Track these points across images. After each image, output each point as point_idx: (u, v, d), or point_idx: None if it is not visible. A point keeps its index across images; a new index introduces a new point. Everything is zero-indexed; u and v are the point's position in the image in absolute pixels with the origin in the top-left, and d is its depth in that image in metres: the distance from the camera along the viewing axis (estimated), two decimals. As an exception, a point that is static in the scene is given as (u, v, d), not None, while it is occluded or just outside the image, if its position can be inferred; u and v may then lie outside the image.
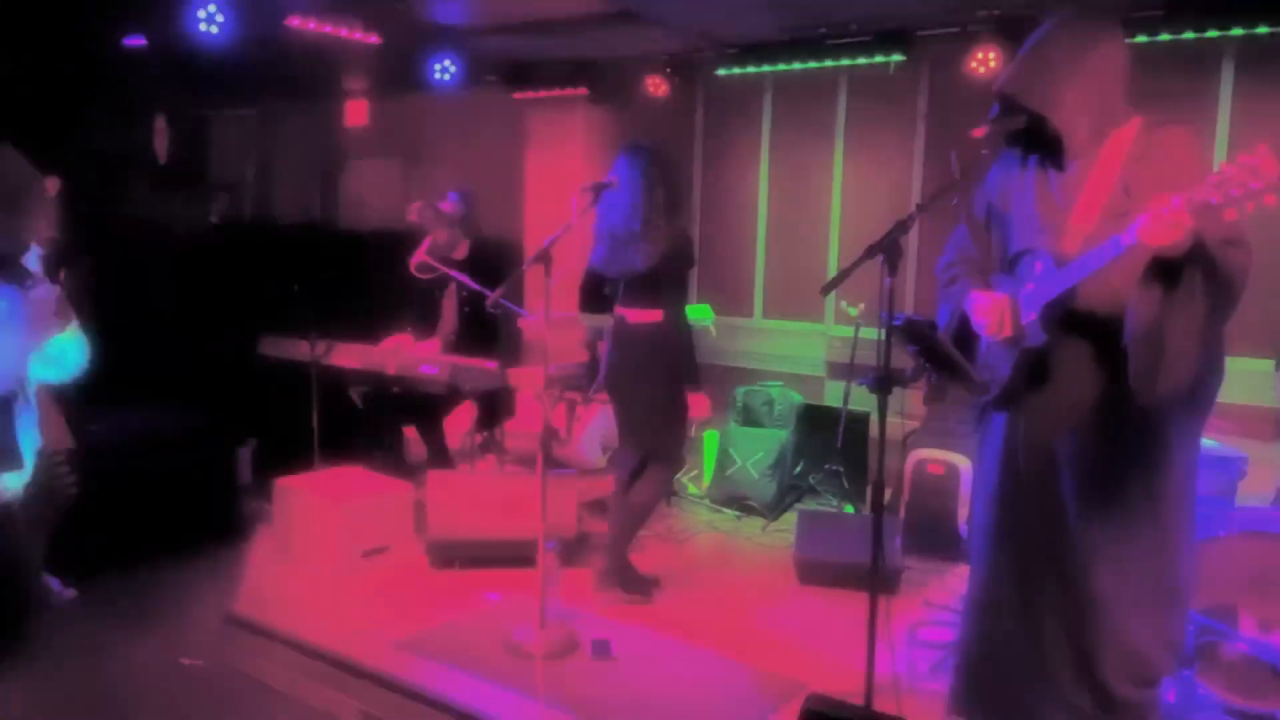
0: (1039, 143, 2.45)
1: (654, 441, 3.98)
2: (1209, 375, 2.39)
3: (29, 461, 2.63)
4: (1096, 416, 2.37)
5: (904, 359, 2.75)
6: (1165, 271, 2.09)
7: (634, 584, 4.03)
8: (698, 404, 3.97)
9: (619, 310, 3.95)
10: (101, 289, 3.26)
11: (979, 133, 2.35)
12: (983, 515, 2.61)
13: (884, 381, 2.36)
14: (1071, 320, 2.35)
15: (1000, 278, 2.56)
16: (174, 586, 3.99)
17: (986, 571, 2.58)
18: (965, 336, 2.59)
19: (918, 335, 2.37)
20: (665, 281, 3.87)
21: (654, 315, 3.86)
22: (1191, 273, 2.07)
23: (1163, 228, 1.96)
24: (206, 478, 4.76)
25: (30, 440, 2.65)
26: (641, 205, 3.81)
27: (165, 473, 4.35)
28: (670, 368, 3.91)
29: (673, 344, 3.90)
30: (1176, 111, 2.41)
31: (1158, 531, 2.39)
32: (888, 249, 2.30)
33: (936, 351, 2.41)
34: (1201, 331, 2.11)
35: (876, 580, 2.49)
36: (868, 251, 2.30)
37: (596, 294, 4.20)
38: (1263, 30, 4.21)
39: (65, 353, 2.67)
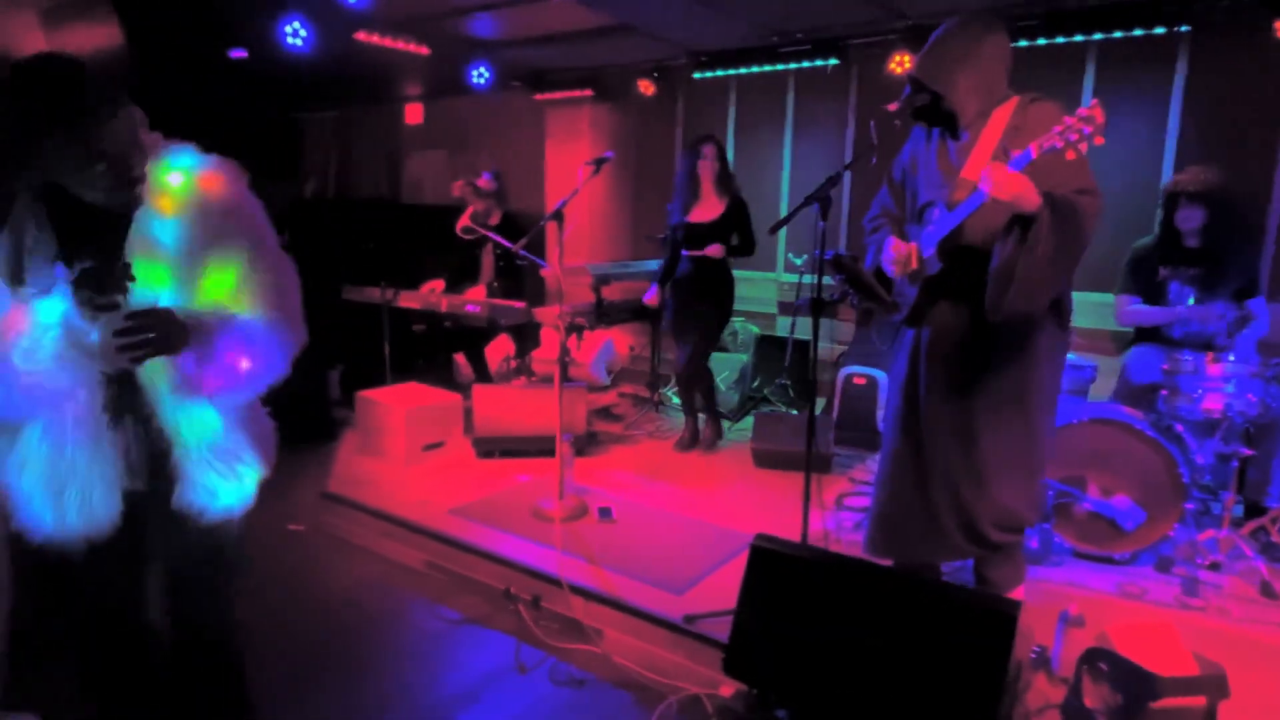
0: (939, 118, 2.41)
1: None
2: (1068, 300, 2.38)
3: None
4: (979, 329, 2.37)
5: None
6: (1022, 223, 2.09)
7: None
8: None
9: None
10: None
11: (892, 107, 2.31)
12: (893, 406, 2.62)
13: (817, 304, 2.35)
14: (959, 254, 2.33)
15: (913, 228, 2.53)
16: (283, 472, 3.98)
17: (895, 448, 2.59)
18: (884, 273, 2.58)
19: (842, 266, 2.34)
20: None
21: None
22: (1038, 226, 2.06)
23: (1002, 181, 1.96)
24: (306, 392, 4.75)
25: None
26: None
27: (276, 388, 4.34)
28: None
29: None
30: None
31: (1024, 417, 2.40)
32: (820, 199, 2.27)
33: (858, 278, 2.39)
34: (1047, 267, 2.09)
35: (811, 460, 2.49)
36: (805, 200, 2.27)
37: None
38: (1118, 35, 4.12)
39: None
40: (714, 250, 4.13)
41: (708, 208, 4.22)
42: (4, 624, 2.11)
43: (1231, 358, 2.86)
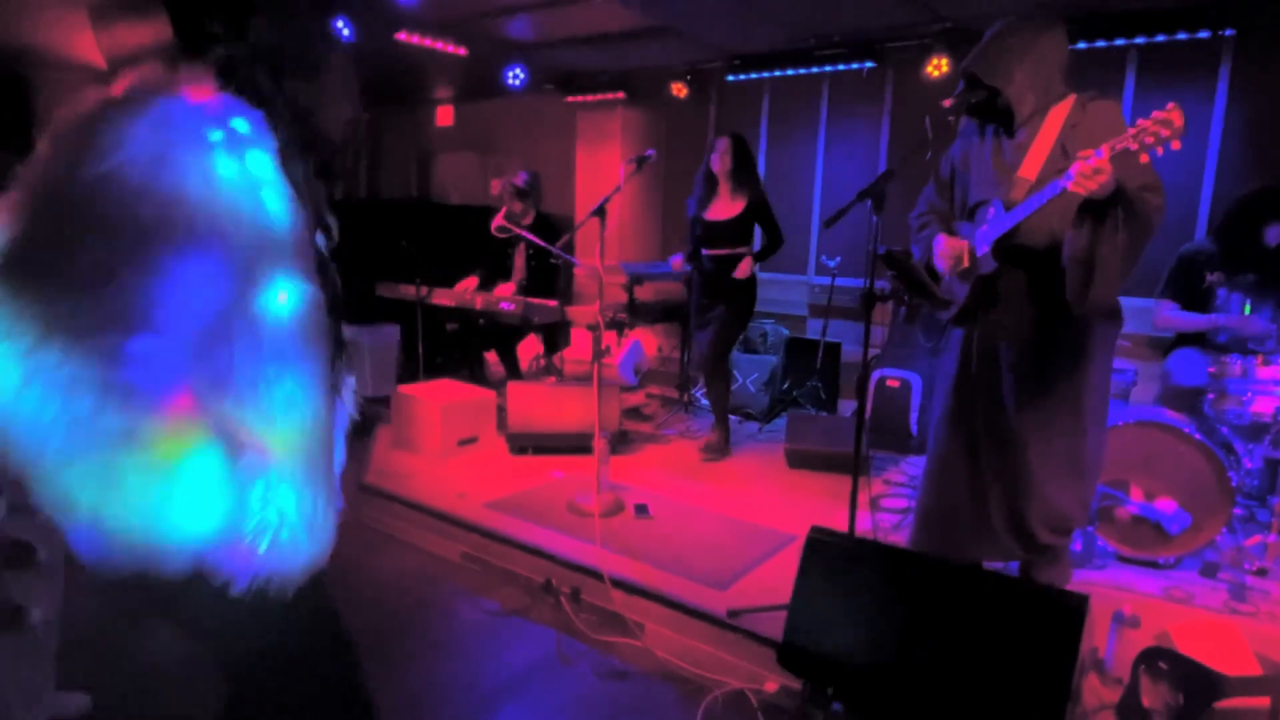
0: (993, 114, 2.40)
1: None
2: (1117, 300, 2.37)
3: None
4: (1032, 329, 2.35)
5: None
6: (1095, 210, 2.06)
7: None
8: None
9: None
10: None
11: (947, 103, 2.30)
12: (941, 406, 2.60)
13: (869, 298, 2.34)
14: (1015, 253, 2.32)
15: (962, 224, 2.52)
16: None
17: (943, 448, 2.57)
18: (933, 270, 2.57)
19: (895, 262, 2.33)
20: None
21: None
22: (1115, 211, 2.05)
23: (1089, 172, 1.94)
24: (339, 388, 4.75)
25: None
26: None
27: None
28: None
29: None
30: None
31: (1077, 418, 2.38)
32: (874, 195, 2.26)
33: (910, 274, 2.38)
34: (1123, 257, 2.09)
35: (859, 456, 2.47)
36: (859, 195, 2.26)
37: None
38: (1160, 39, 4.09)
39: None
40: (742, 271, 4.08)
41: (725, 205, 4.15)
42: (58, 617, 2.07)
43: (1282, 361, 2.82)
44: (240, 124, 1.07)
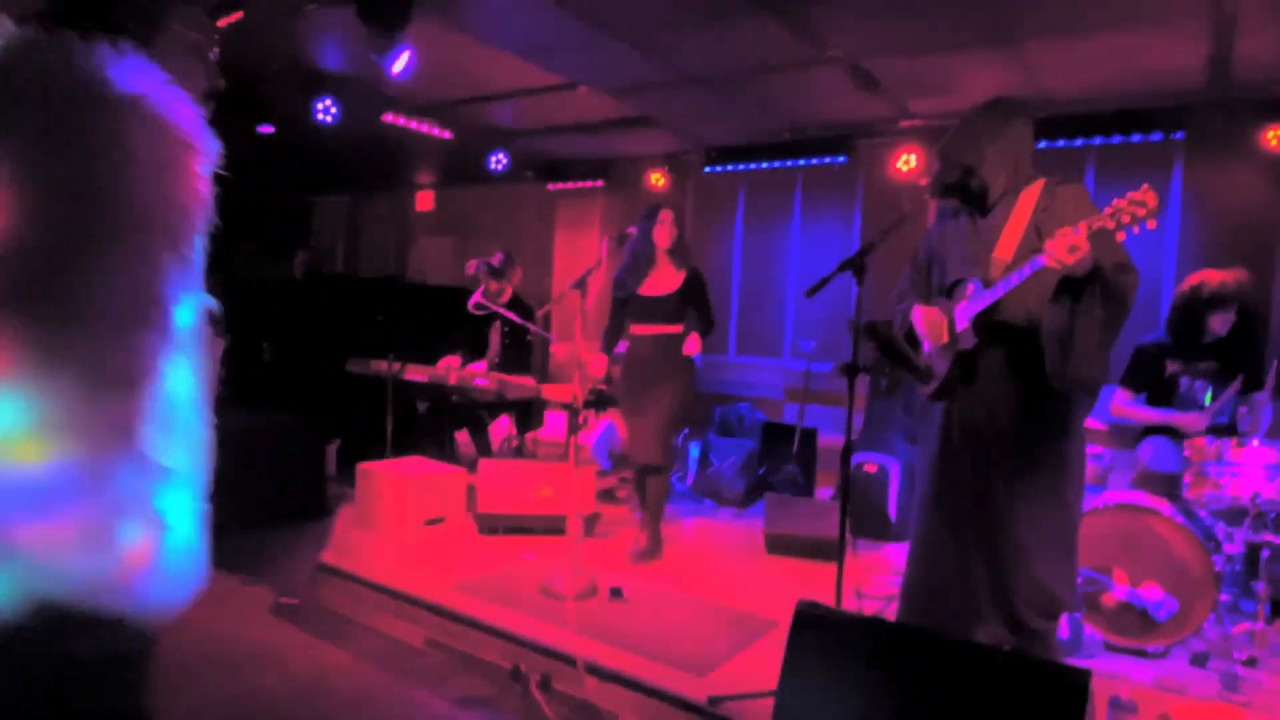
0: (967, 196, 2.48)
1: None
2: (1101, 378, 2.39)
3: None
4: (1014, 406, 2.36)
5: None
6: (1072, 288, 2.12)
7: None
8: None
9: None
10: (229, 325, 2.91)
11: (924, 181, 2.38)
12: (924, 483, 2.57)
13: (853, 369, 2.34)
14: (995, 329, 2.35)
15: (941, 300, 2.56)
16: (275, 545, 3.89)
17: (926, 528, 2.53)
18: (913, 339, 2.59)
19: (877, 333, 2.35)
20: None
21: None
22: (1092, 289, 2.10)
23: (1066, 248, 1.99)
24: (301, 466, 4.62)
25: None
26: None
27: (270, 460, 4.29)
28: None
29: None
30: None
31: (1060, 496, 2.37)
32: (855, 266, 2.30)
33: (891, 346, 2.40)
34: (1100, 334, 2.13)
35: (843, 544, 2.42)
36: (841, 266, 2.30)
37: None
38: (1116, 140, 4.32)
39: None
40: (691, 348, 3.77)
41: (664, 279, 3.85)
42: None
43: (1256, 442, 2.86)
44: None
